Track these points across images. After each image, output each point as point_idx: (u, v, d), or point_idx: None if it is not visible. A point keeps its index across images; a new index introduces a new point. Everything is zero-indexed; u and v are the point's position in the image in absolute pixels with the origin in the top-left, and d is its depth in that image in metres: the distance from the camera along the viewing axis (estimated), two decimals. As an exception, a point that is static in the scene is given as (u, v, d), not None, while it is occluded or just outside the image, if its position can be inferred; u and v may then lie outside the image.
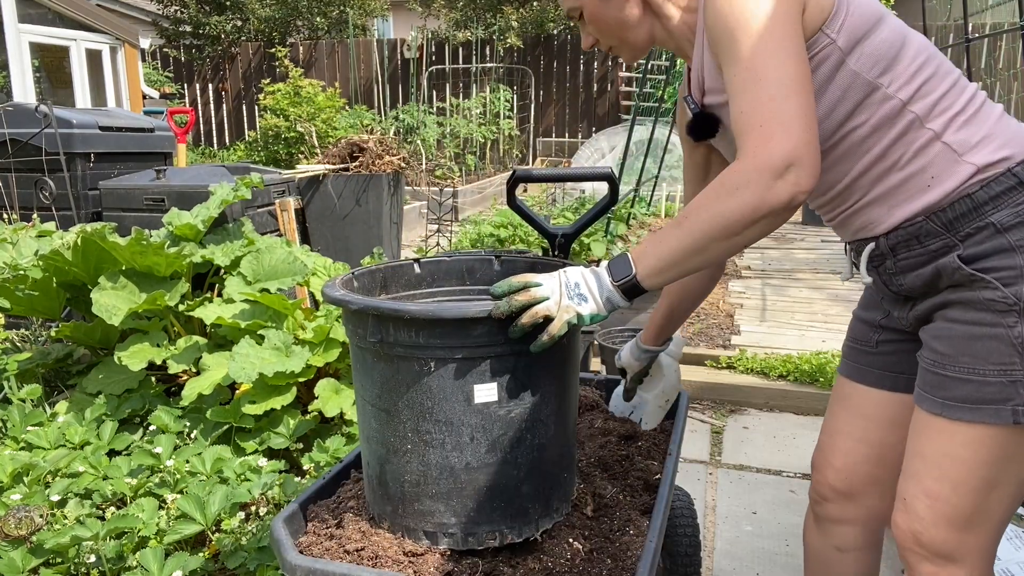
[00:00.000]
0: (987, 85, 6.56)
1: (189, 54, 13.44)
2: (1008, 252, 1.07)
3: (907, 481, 1.21)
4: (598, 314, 1.11)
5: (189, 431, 2.40)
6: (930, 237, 1.14)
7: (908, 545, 1.21)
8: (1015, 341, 1.07)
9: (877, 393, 1.39)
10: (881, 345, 1.37)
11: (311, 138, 7.99)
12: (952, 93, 1.14)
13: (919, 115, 1.12)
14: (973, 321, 1.11)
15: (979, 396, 1.10)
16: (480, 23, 12.62)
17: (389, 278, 1.41)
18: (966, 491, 1.13)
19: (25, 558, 1.75)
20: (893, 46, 1.12)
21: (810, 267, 5.95)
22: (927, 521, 1.17)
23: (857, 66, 1.12)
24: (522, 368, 1.13)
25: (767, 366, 3.62)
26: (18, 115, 3.97)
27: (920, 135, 1.13)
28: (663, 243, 1.08)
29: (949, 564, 1.18)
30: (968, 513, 1.14)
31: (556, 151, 12.15)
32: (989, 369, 1.09)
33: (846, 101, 1.14)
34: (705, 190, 1.06)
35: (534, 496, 1.19)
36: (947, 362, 1.13)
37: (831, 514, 1.48)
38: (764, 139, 1.01)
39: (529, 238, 4.95)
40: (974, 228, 1.10)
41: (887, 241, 1.19)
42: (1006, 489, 1.14)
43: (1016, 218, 1.08)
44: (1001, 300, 1.07)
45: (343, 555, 1.16)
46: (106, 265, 2.59)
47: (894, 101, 1.12)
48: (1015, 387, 1.07)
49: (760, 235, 1.05)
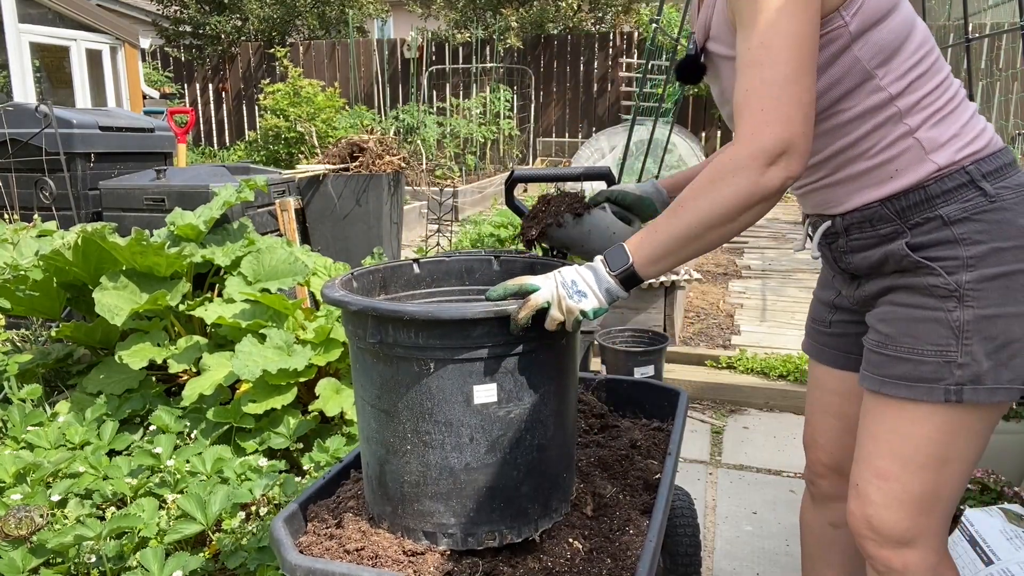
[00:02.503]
0: (987, 85, 6.56)
1: (189, 54, 13.44)
2: (952, 244, 1.13)
3: (858, 465, 1.25)
4: (600, 308, 1.12)
5: (189, 431, 2.41)
6: (882, 222, 1.18)
7: (862, 532, 1.24)
8: (953, 325, 1.12)
9: (837, 372, 1.45)
10: (834, 325, 1.44)
11: (311, 138, 7.99)
12: (937, 91, 1.17)
13: (901, 110, 1.16)
14: (916, 304, 1.16)
15: (916, 374, 1.15)
16: (480, 23, 12.62)
17: (388, 278, 1.41)
18: (915, 468, 1.17)
19: (25, 558, 1.75)
20: (899, 37, 1.14)
21: (810, 267, 5.95)
22: (879, 504, 1.20)
23: (860, 53, 1.14)
24: (521, 369, 1.13)
25: (767, 366, 3.62)
26: (18, 115, 3.97)
27: (897, 129, 1.16)
28: (659, 232, 1.10)
29: (903, 548, 1.20)
30: (918, 492, 1.18)
31: (556, 151, 12.15)
32: (927, 349, 1.14)
33: (841, 85, 1.16)
34: (699, 177, 1.09)
35: (533, 496, 1.19)
36: (889, 342, 1.18)
37: (825, 491, 1.54)
38: (762, 124, 1.03)
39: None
40: (923, 218, 1.15)
41: (842, 221, 1.24)
42: (954, 467, 1.17)
43: (963, 213, 1.13)
44: (943, 286, 1.13)
45: (343, 555, 1.16)
46: (106, 265, 2.59)
47: (883, 94, 1.15)
48: (949, 368, 1.12)
49: (753, 220, 1.08)
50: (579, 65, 12.24)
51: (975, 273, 1.11)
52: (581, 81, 12.25)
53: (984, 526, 1.83)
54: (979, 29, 6.11)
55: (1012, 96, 6.61)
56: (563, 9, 12.56)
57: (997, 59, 7.54)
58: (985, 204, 1.12)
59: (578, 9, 12.66)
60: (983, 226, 1.12)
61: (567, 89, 12.34)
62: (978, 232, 1.12)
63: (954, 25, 6.08)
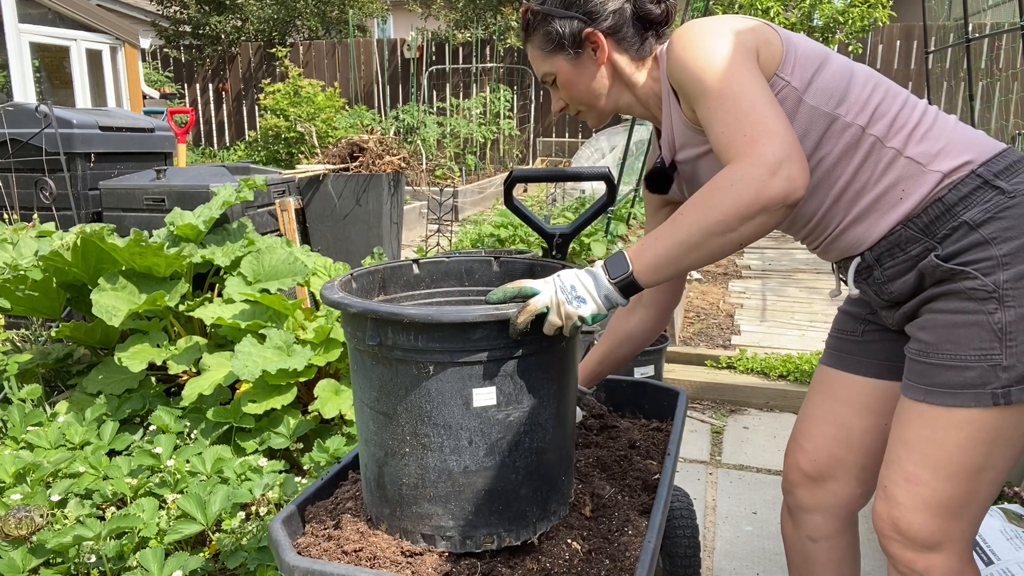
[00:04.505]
0: (987, 85, 6.55)
1: (189, 54, 13.43)
2: (983, 245, 1.12)
3: (888, 468, 1.23)
4: (599, 314, 1.12)
5: (189, 431, 2.41)
6: (911, 243, 1.19)
7: (888, 533, 1.23)
8: (995, 327, 1.11)
9: (859, 380, 1.43)
10: (867, 334, 1.42)
11: (311, 138, 8.00)
12: (905, 111, 1.20)
13: (879, 136, 1.18)
14: (955, 310, 1.15)
15: (961, 381, 1.13)
16: (480, 23, 12.61)
17: (388, 279, 1.41)
18: (946, 475, 1.15)
19: (25, 558, 1.76)
20: (843, 79, 1.19)
21: (810, 267, 5.95)
22: (906, 507, 1.19)
23: (814, 101, 1.18)
24: (521, 372, 1.13)
25: (767, 366, 3.62)
26: (18, 115, 3.97)
27: (883, 154, 1.18)
28: (660, 240, 1.10)
29: (927, 552, 1.19)
30: (946, 498, 1.16)
31: (556, 151, 12.14)
32: (970, 354, 1.12)
33: (811, 134, 1.19)
34: (700, 190, 1.08)
35: (532, 499, 1.19)
36: (931, 350, 1.17)
37: (801, 502, 1.53)
38: (752, 143, 1.05)
39: (529, 238, 4.95)
40: (949, 229, 1.15)
41: (872, 254, 1.24)
42: (988, 475, 1.16)
43: (986, 214, 1.12)
44: (981, 288, 1.11)
45: (341, 556, 1.16)
46: (106, 266, 2.59)
47: (854, 128, 1.18)
48: (994, 371, 1.11)
49: (755, 233, 1.07)
50: (579, 65, 12.20)
51: (1012, 271, 1.10)
52: (581, 81, 12.22)
53: (984, 526, 1.83)
54: (979, 29, 6.10)
55: (1012, 96, 6.60)
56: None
57: (997, 59, 7.53)
58: (1006, 201, 1.12)
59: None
60: (1010, 222, 1.11)
61: (567, 89, 12.30)
62: (1006, 229, 1.11)
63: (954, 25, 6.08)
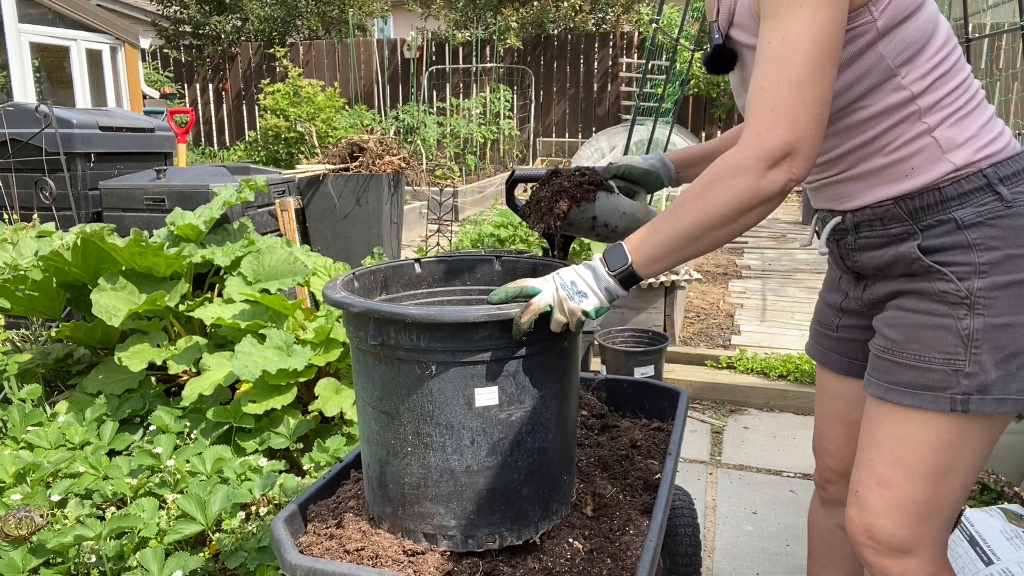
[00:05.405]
0: (987, 85, 6.55)
1: (189, 54, 13.43)
2: (965, 249, 1.10)
3: (860, 472, 1.23)
4: (601, 307, 1.12)
5: (189, 431, 2.41)
6: (893, 221, 1.17)
7: (861, 539, 1.22)
8: (962, 332, 1.10)
9: (842, 378, 1.43)
10: (841, 330, 1.41)
11: (311, 138, 7.99)
12: (957, 91, 1.15)
13: (921, 108, 1.14)
14: (925, 311, 1.14)
15: (922, 382, 1.13)
16: (480, 23, 12.61)
17: (390, 278, 1.41)
18: (917, 477, 1.15)
19: (25, 558, 1.75)
20: (924, 35, 1.12)
21: (810, 267, 5.95)
22: (878, 512, 1.19)
23: (885, 50, 1.12)
24: (523, 372, 1.13)
25: (767, 366, 3.62)
26: (18, 115, 3.97)
27: (915, 127, 1.14)
28: (658, 232, 1.10)
29: (902, 556, 1.19)
30: (919, 501, 1.16)
31: (556, 151, 12.14)
32: (934, 357, 1.12)
33: (863, 82, 1.14)
34: (699, 177, 1.09)
35: (534, 499, 1.19)
36: (896, 348, 1.16)
37: (835, 495, 1.53)
38: (770, 125, 1.02)
39: (529, 238, 4.95)
40: (936, 220, 1.13)
41: (853, 218, 1.22)
42: (956, 477, 1.15)
43: (977, 217, 1.11)
44: (954, 292, 1.10)
45: (343, 555, 1.16)
46: (106, 266, 2.59)
47: (905, 92, 1.13)
48: (956, 376, 1.10)
49: (755, 221, 1.07)
50: (579, 65, 12.23)
51: (987, 280, 1.09)
52: (581, 81, 12.24)
53: (984, 526, 1.83)
54: (979, 29, 6.11)
55: (1012, 96, 6.61)
56: (563, 9, 12.55)
57: (997, 59, 7.53)
58: (1001, 209, 1.10)
59: (579, 9, 12.65)
60: (998, 232, 1.09)
61: (567, 89, 12.33)
62: (992, 238, 1.09)
63: (954, 25, 6.08)
